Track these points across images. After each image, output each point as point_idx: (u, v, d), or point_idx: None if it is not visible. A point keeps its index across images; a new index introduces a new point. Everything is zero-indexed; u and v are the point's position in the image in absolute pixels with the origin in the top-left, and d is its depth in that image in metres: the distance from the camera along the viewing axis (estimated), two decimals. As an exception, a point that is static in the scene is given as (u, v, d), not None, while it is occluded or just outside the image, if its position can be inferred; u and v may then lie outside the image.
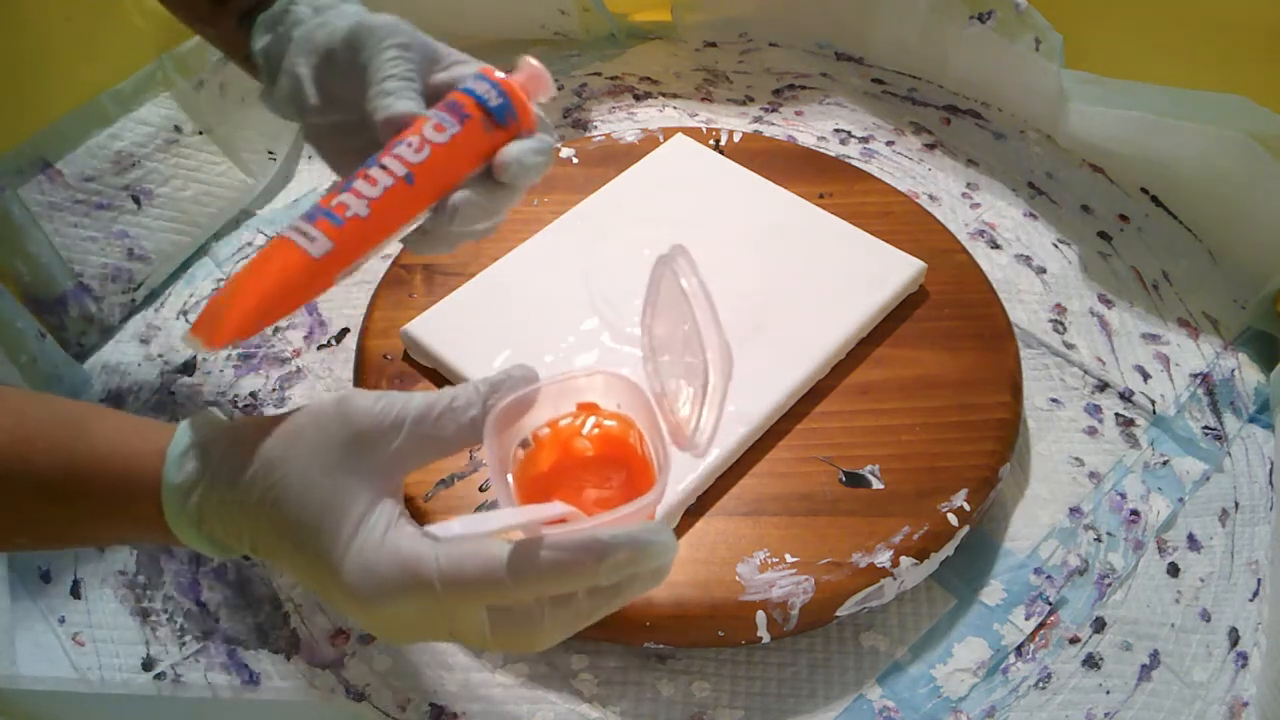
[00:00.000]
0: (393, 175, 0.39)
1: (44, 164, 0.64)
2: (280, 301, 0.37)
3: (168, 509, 0.34)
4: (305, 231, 0.37)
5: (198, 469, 0.33)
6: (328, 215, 0.38)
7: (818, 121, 0.85)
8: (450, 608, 0.31)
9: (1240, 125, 0.65)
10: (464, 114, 0.40)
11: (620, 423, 0.37)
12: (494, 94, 0.41)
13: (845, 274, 0.63)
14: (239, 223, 0.78)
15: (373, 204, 0.38)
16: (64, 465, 0.34)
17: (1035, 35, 0.74)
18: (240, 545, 0.34)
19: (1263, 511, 0.60)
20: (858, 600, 0.51)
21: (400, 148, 0.39)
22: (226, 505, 0.33)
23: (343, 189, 0.38)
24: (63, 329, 0.67)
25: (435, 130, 0.40)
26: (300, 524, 0.32)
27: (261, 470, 0.33)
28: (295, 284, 0.37)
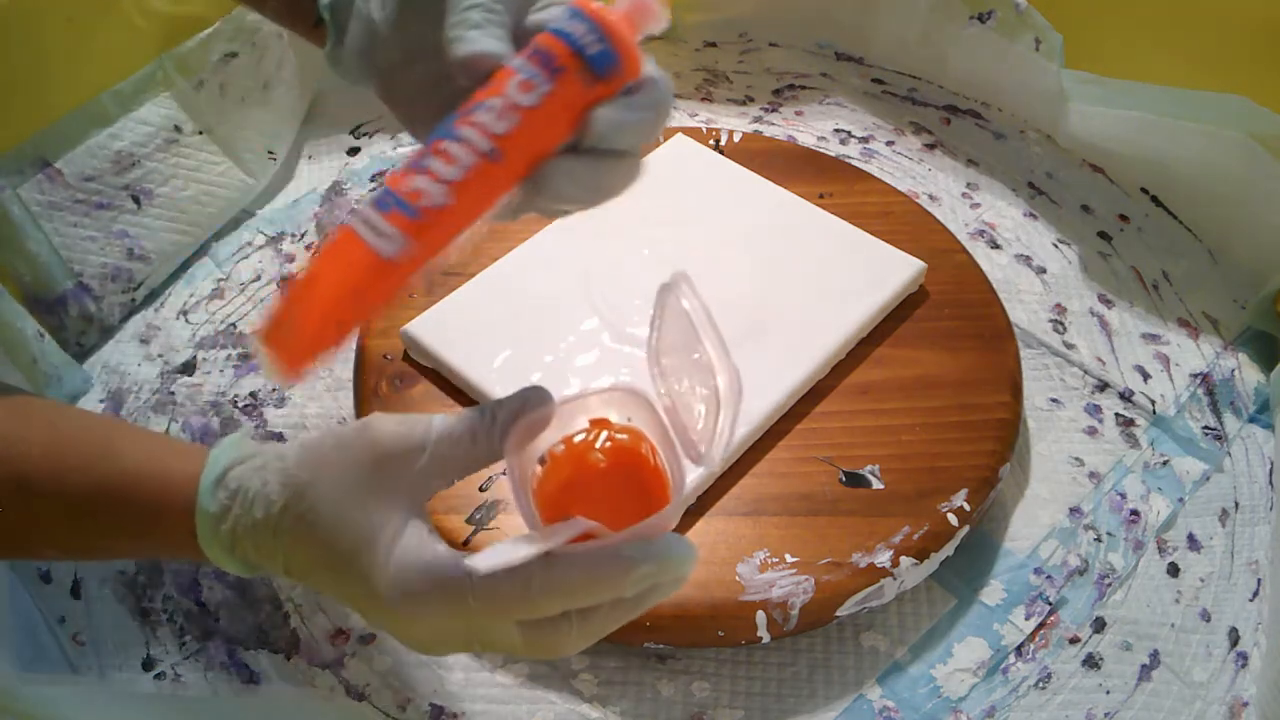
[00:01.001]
0: (474, 150, 0.32)
1: (44, 163, 0.64)
2: (351, 312, 0.32)
3: (202, 534, 0.35)
4: (374, 225, 0.32)
5: (230, 496, 0.34)
6: (400, 205, 0.32)
7: (818, 121, 0.85)
8: (484, 622, 0.32)
9: (1240, 125, 0.65)
10: (556, 66, 0.32)
11: (631, 435, 0.37)
12: (592, 37, 0.32)
13: (845, 274, 0.63)
14: (239, 223, 0.78)
15: (452, 188, 0.32)
16: (96, 484, 0.35)
17: (1035, 35, 0.74)
18: (273, 567, 0.35)
19: (1263, 511, 0.60)
20: (858, 600, 0.51)
21: (480, 113, 0.32)
22: (259, 530, 0.34)
23: (417, 166, 0.32)
24: (62, 329, 0.67)
25: (521, 89, 0.32)
26: (334, 547, 0.33)
27: (293, 496, 0.33)
28: (365, 290, 0.32)
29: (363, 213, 0.32)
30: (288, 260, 0.75)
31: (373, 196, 0.33)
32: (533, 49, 0.33)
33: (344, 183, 0.80)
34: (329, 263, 0.32)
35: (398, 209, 0.32)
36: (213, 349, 0.69)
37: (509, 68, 0.32)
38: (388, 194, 0.32)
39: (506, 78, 0.32)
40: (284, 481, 0.34)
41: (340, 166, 0.82)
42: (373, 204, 0.32)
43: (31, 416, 0.36)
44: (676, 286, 0.49)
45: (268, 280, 0.73)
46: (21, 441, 0.35)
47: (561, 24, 0.33)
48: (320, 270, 0.32)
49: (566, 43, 0.32)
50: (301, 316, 0.32)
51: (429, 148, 0.32)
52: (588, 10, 0.33)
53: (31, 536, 0.37)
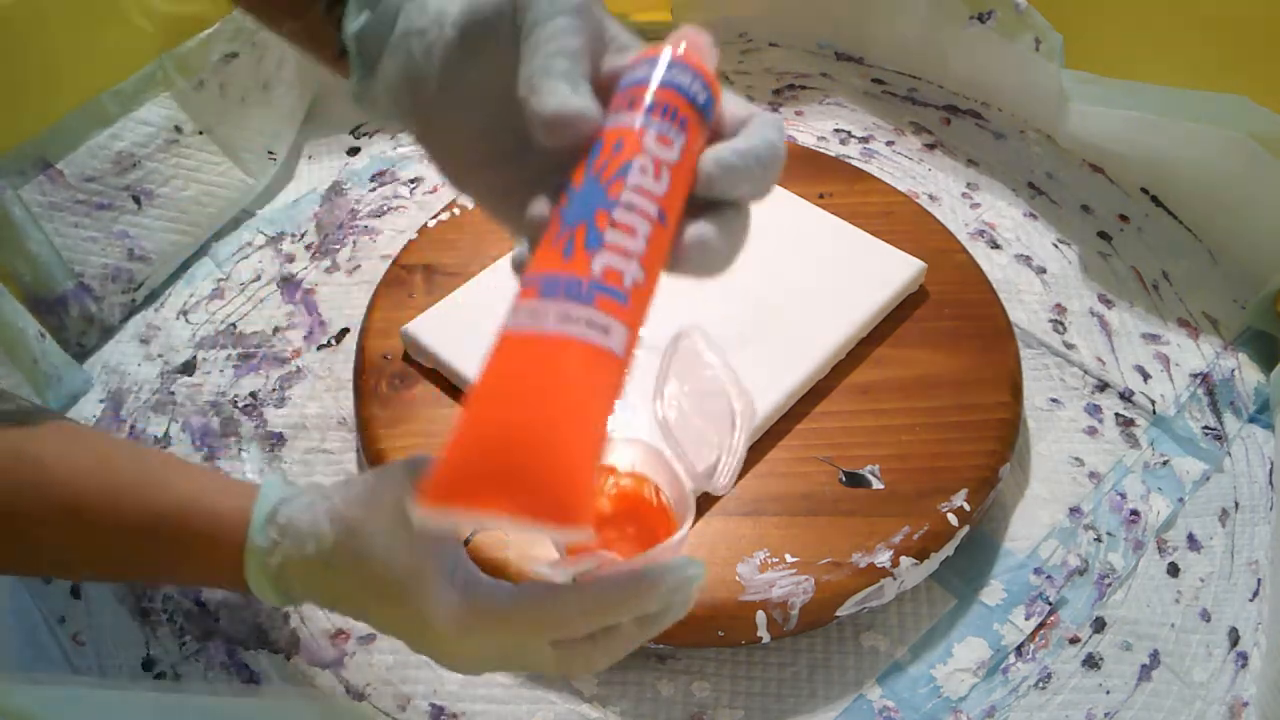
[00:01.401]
0: (647, 217, 0.28)
1: (45, 164, 0.64)
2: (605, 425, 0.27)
3: (249, 569, 0.36)
4: (594, 321, 0.27)
5: (280, 533, 0.36)
6: (605, 291, 0.27)
7: (818, 121, 0.85)
8: (524, 644, 0.35)
9: (1240, 125, 0.65)
10: (680, 117, 0.30)
11: (634, 480, 0.41)
12: (698, 85, 0.30)
13: (845, 274, 0.63)
14: (239, 223, 0.78)
15: (644, 262, 0.28)
16: (147, 515, 0.36)
17: (1035, 35, 0.74)
18: (316, 599, 0.37)
19: (1263, 511, 0.60)
20: (858, 600, 0.51)
21: (634, 175, 0.28)
22: (309, 566, 0.36)
23: (590, 246, 0.27)
24: (63, 329, 0.67)
25: (661, 144, 0.29)
26: (387, 579, 0.35)
27: (345, 533, 0.35)
28: (612, 400, 0.27)
29: (565, 308, 0.27)
30: (288, 260, 0.75)
31: (548, 290, 0.27)
32: (646, 101, 0.30)
33: (344, 183, 0.80)
34: (560, 387, 0.26)
35: (606, 295, 0.27)
36: (213, 349, 0.69)
37: (624, 125, 0.29)
38: (580, 283, 0.27)
39: (635, 136, 0.29)
40: (334, 519, 0.36)
41: (340, 166, 0.82)
42: (568, 297, 0.27)
43: (82, 444, 0.37)
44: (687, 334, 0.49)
45: (267, 280, 0.73)
46: (74, 469, 0.36)
47: (665, 73, 0.30)
48: (554, 399, 0.26)
49: (681, 94, 0.30)
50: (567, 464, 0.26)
51: (592, 219, 0.28)
52: (685, 58, 0.30)
53: (76, 560, 0.38)
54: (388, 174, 0.81)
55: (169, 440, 0.63)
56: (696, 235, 0.29)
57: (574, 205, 0.29)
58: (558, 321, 0.27)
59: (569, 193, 0.29)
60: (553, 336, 0.27)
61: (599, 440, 0.27)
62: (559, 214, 0.29)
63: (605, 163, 0.29)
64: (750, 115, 0.31)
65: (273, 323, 0.70)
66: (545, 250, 0.28)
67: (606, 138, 0.29)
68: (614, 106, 0.30)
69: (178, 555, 0.37)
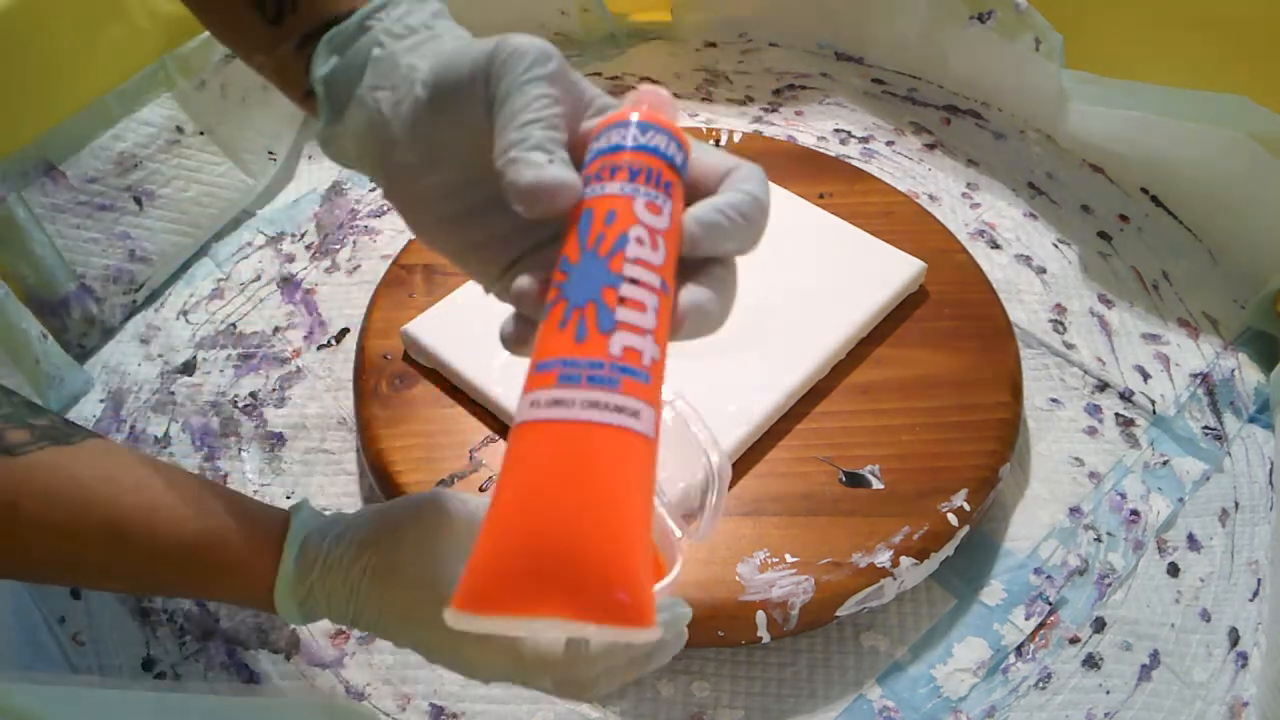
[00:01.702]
0: (654, 291, 0.28)
1: (48, 166, 0.64)
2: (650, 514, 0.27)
3: (279, 595, 0.38)
4: (622, 406, 0.26)
5: (312, 560, 0.38)
6: (629, 372, 0.26)
7: (818, 121, 0.85)
8: (530, 672, 0.37)
9: (1240, 125, 0.65)
10: (664, 181, 0.29)
11: None
12: (674, 146, 0.30)
13: (845, 274, 0.63)
14: (239, 223, 0.78)
15: (657, 337, 0.28)
16: (186, 538, 0.38)
17: (1035, 35, 0.74)
18: (339, 618, 0.39)
19: (1263, 511, 0.60)
20: (858, 600, 0.51)
21: (631, 247, 0.27)
22: (336, 588, 0.38)
23: (603, 327, 0.27)
24: (64, 330, 0.67)
25: (651, 212, 0.28)
26: (412, 600, 0.37)
27: (374, 560, 0.37)
28: (651, 483, 0.27)
29: (591, 396, 0.26)
30: (288, 260, 0.75)
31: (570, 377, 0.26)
32: (627, 166, 0.29)
33: (344, 183, 0.80)
34: (601, 479, 0.25)
35: (629, 377, 0.26)
36: (213, 349, 0.69)
37: (607, 193, 0.29)
38: (602, 365, 0.26)
39: (623, 204, 0.28)
40: (361, 546, 0.38)
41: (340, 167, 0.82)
42: (590, 383, 0.26)
43: (121, 465, 0.38)
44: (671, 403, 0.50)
45: (267, 280, 0.73)
46: (116, 489, 0.37)
47: (639, 137, 0.29)
48: (598, 491, 0.25)
49: (659, 157, 0.29)
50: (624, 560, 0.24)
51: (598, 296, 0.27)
52: (653, 119, 0.30)
53: (113, 576, 0.39)
54: (542, 338, 0.80)
55: (169, 440, 0.63)
56: (692, 301, 0.29)
57: (576, 283, 0.27)
58: (586, 409, 0.26)
59: (566, 269, 0.28)
60: (584, 425, 0.26)
61: (648, 531, 0.26)
62: (560, 293, 0.28)
63: (600, 235, 0.28)
64: (729, 168, 0.30)
65: (273, 323, 0.70)
66: (552, 333, 0.27)
67: (595, 209, 0.28)
68: (590, 175, 0.29)
69: (210, 580, 0.39)
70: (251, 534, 0.38)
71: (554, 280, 0.28)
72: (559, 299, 0.28)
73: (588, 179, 0.29)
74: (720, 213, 0.29)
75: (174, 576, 0.39)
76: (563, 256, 0.28)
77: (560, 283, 0.28)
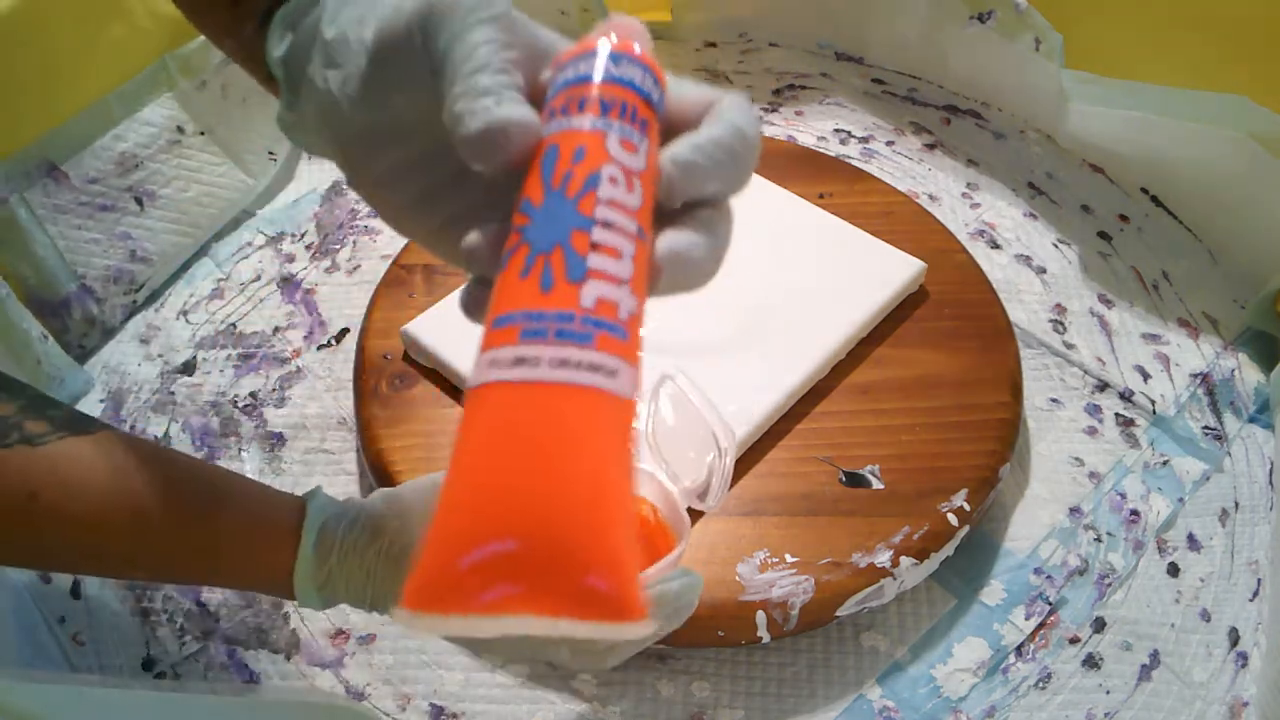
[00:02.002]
0: (629, 236, 0.24)
1: (50, 166, 0.64)
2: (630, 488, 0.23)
3: (299, 580, 0.38)
4: (596, 364, 0.22)
5: (329, 546, 0.38)
6: (603, 326, 0.23)
7: (818, 121, 0.85)
8: (545, 647, 0.38)
9: (1240, 125, 0.65)
10: (640, 117, 0.26)
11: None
12: (650, 79, 0.26)
13: (845, 274, 0.63)
14: (239, 223, 0.78)
15: (634, 287, 0.24)
16: (208, 527, 0.38)
17: (1035, 35, 0.74)
18: (357, 602, 0.39)
19: (1263, 511, 0.60)
20: (858, 600, 0.51)
21: (604, 187, 0.24)
22: (354, 573, 0.38)
23: (572, 275, 0.23)
24: (65, 331, 0.67)
25: (626, 150, 0.25)
26: None
27: (385, 542, 0.38)
28: (630, 452, 0.23)
29: (561, 351, 0.22)
30: (288, 260, 0.75)
31: (534, 331, 0.23)
32: (594, 100, 0.25)
33: (344, 183, 0.80)
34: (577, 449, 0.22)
35: (604, 331, 0.23)
36: (213, 349, 0.69)
37: (579, 130, 0.25)
38: (573, 318, 0.23)
39: (594, 140, 0.25)
40: (375, 531, 0.38)
41: (341, 167, 0.82)
42: (558, 337, 0.23)
43: (139, 455, 0.38)
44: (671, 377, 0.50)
45: (267, 280, 0.73)
46: (137, 480, 0.37)
47: (610, 69, 0.26)
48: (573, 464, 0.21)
49: (633, 90, 0.26)
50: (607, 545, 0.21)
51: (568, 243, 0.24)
52: (626, 49, 0.26)
53: (131, 564, 0.40)
54: (500, 284, 0.81)
55: (169, 440, 0.63)
56: (669, 248, 0.25)
57: (541, 225, 0.24)
58: (555, 368, 0.22)
59: (528, 211, 0.24)
60: (552, 387, 0.22)
61: (629, 508, 0.22)
62: (522, 237, 0.24)
63: (568, 173, 0.24)
64: (710, 101, 0.27)
65: (273, 323, 0.70)
66: (513, 282, 0.24)
67: (561, 145, 0.25)
68: (554, 109, 0.26)
69: (230, 567, 0.39)
70: (270, 521, 0.39)
71: (514, 224, 0.25)
72: (520, 244, 0.24)
73: (551, 113, 0.26)
74: (699, 150, 0.26)
75: (194, 564, 0.40)
76: (524, 198, 0.25)
77: (522, 226, 0.24)
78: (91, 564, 0.40)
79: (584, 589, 0.20)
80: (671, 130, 0.27)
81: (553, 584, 0.20)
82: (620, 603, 0.20)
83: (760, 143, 0.27)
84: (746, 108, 0.27)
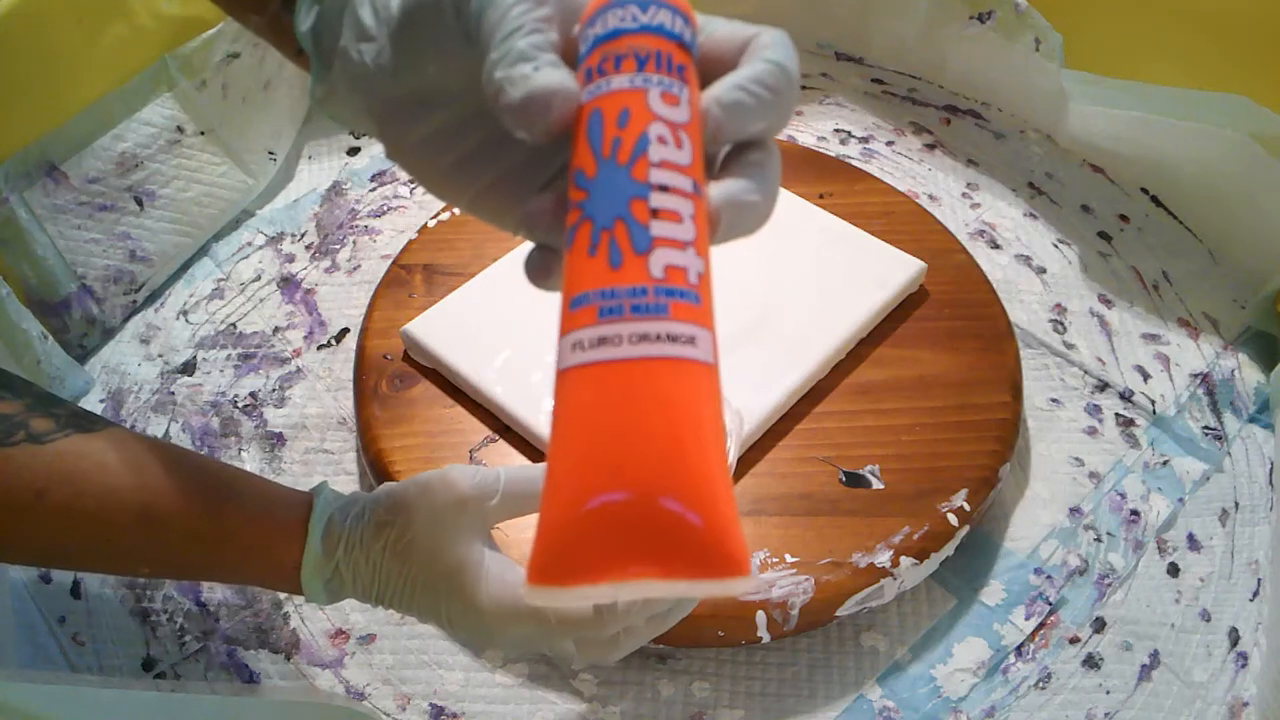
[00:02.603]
0: (687, 196, 0.24)
1: (50, 166, 0.64)
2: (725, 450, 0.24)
3: (306, 575, 0.39)
4: (674, 334, 0.23)
5: (336, 541, 0.39)
6: (676, 294, 0.23)
7: (818, 121, 0.85)
8: (554, 633, 0.38)
9: (1240, 125, 0.65)
10: (676, 64, 0.25)
11: None
12: (681, 21, 0.26)
13: (845, 274, 0.63)
14: (239, 223, 0.78)
15: (699, 247, 0.24)
16: (215, 526, 0.38)
17: (1035, 35, 0.74)
18: (363, 596, 0.39)
19: (1263, 511, 0.60)
20: (858, 600, 0.51)
21: (653, 149, 0.24)
22: (360, 566, 0.39)
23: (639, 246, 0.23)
24: (65, 331, 0.67)
25: (668, 104, 0.25)
26: (430, 574, 0.38)
27: (391, 537, 0.38)
28: (720, 415, 0.24)
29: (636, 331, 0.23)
30: (288, 260, 0.75)
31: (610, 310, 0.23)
32: (629, 52, 0.25)
33: (344, 183, 0.81)
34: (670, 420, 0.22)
35: (678, 299, 0.23)
36: (213, 349, 0.69)
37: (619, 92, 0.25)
38: (643, 293, 0.23)
39: (637, 99, 0.25)
40: (380, 525, 0.39)
41: (340, 166, 0.82)
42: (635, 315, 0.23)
43: (144, 452, 0.38)
44: None
45: (267, 280, 0.73)
46: (143, 476, 0.37)
47: (641, 17, 0.25)
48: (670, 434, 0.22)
49: (666, 37, 0.25)
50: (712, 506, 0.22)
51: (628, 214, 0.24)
52: None
53: (138, 560, 0.40)
54: (388, 174, 0.81)
55: (169, 440, 0.63)
56: (726, 197, 0.25)
57: (599, 198, 0.24)
58: (636, 344, 0.23)
59: (583, 184, 0.24)
60: (638, 362, 0.22)
61: (727, 469, 0.23)
62: (583, 213, 0.24)
63: (617, 139, 0.24)
64: (747, 37, 0.26)
65: (273, 323, 0.70)
66: (582, 261, 0.24)
67: (605, 110, 0.25)
68: (590, 68, 0.25)
69: (238, 562, 0.40)
70: (277, 516, 0.39)
71: (571, 199, 0.25)
72: (582, 220, 0.24)
73: (589, 73, 0.25)
74: (743, 90, 0.25)
75: (202, 560, 0.40)
76: (576, 170, 0.25)
77: (580, 201, 0.24)
78: (100, 561, 0.40)
79: (701, 550, 0.21)
80: (707, 70, 0.27)
81: (670, 547, 0.21)
82: (731, 559, 0.21)
83: (799, 76, 0.26)
84: (785, 42, 0.26)
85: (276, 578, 0.40)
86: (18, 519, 0.36)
